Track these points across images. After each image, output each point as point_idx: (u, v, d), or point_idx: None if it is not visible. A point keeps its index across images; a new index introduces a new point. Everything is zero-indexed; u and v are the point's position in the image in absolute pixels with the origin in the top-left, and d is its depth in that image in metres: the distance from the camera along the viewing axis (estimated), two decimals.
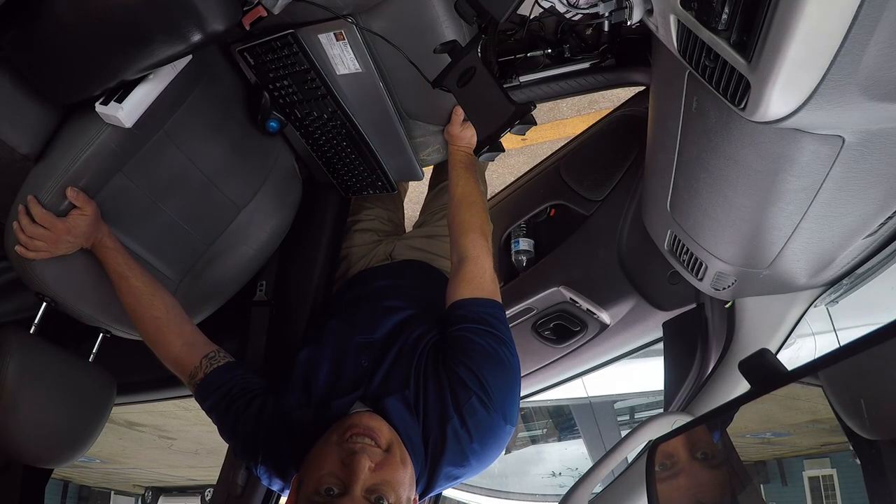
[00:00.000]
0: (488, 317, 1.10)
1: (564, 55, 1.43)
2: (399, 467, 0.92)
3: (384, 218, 1.70)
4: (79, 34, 1.00)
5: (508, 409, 1.04)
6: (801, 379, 0.71)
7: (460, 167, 1.32)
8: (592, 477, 1.25)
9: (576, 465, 4.11)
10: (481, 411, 1.01)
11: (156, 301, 1.18)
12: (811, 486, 0.85)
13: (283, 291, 1.62)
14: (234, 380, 1.12)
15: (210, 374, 1.12)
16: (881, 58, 0.61)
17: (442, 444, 1.00)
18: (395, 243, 1.54)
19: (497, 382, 1.03)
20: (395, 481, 0.90)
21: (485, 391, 1.01)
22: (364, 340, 1.15)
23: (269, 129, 1.38)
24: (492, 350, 1.06)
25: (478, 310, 1.10)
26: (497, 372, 1.04)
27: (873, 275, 1.16)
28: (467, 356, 1.04)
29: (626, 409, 3.99)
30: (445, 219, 1.53)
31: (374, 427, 0.94)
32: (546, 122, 3.06)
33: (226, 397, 1.10)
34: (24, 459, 1.31)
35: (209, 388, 1.12)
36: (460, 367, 1.03)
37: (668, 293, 1.57)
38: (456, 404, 1.00)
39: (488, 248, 1.21)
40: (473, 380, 1.02)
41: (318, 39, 1.20)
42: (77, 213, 1.13)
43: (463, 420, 1.00)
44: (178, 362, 1.16)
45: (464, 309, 1.11)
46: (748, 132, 0.85)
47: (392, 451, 0.93)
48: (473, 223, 1.22)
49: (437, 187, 1.73)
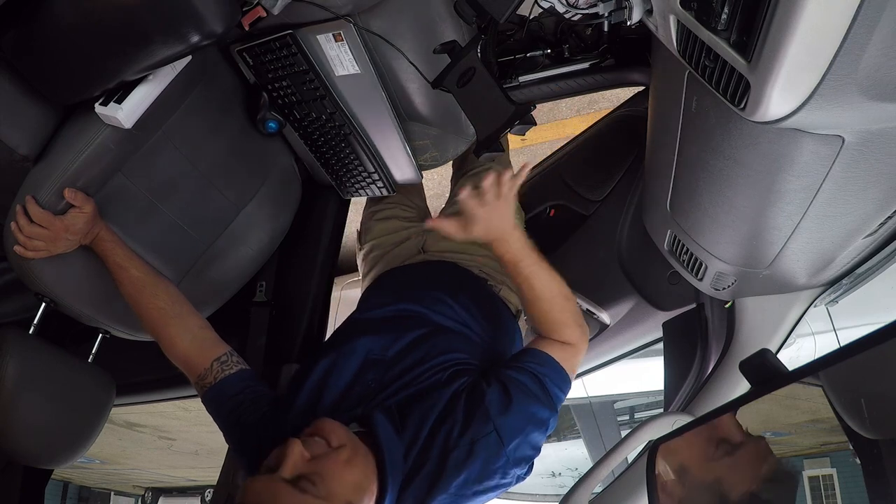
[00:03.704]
0: (555, 388, 1.02)
1: (564, 55, 1.43)
2: (340, 465, 0.88)
3: (405, 203, 1.64)
4: (78, 35, 1.00)
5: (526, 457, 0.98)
6: (801, 379, 0.71)
7: (517, 267, 1.06)
8: (593, 477, 1.25)
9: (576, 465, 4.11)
10: (495, 449, 0.94)
11: (159, 292, 1.15)
12: (811, 486, 0.85)
13: (282, 292, 1.62)
14: (246, 392, 1.07)
15: (221, 381, 1.08)
16: (881, 58, 0.61)
17: (440, 473, 0.93)
18: (426, 236, 1.47)
19: (524, 433, 0.96)
20: (329, 475, 0.86)
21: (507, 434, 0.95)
22: (377, 357, 1.09)
23: (268, 130, 1.38)
24: (537, 402, 0.99)
25: (551, 374, 1.02)
26: (530, 426, 0.97)
27: (873, 275, 1.16)
28: (513, 396, 0.97)
29: (626, 409, 3.98)
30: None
31: (327, 429, 0.91)
32: (546, 122, 3.05)
33: (236, 410, 1.06)
34: (23, 460, 1.31)
35: (220, 398, 1.07)
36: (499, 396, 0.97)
37: (668, 293, 1.57)
38: (470, 435, 0.94)
39: (586, 336, 1.10)
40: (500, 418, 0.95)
41: (316, 40, 1.20)
42: (75, 211, 1.12)
43: (471, 452, 0.93)
44: (187, 361, 1.11)
45: (542, 363, 1.03)
46: (748, 132, 0.85)
47: (340, 451, 0.89)
48: (565, 320, 1.07)
49: (467, 171, 1.65)
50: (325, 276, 1.64)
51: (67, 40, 1.01)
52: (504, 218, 1.03)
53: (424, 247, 1.45)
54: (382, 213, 1.60)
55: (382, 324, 1.18)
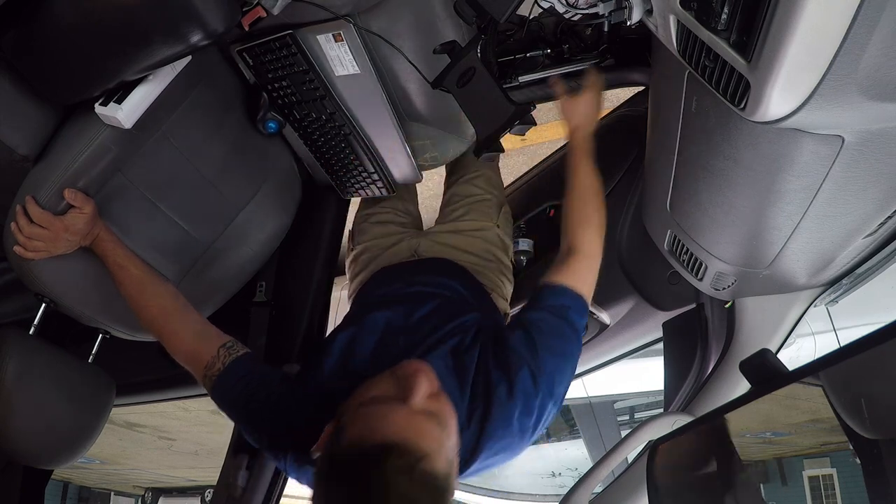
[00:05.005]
0: (575, 317, 1.06)
1: (564, 55, 1.43)
2: (447, 402, 0.88)
3: (400, 210, 1.65)
4: (78, 35, 1.00)
5: (557, 390, 1.01)
6: (801, 379, 0.71)
7: (578, 153, 1.22)
8: (593, 477, 1.25)
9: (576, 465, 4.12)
10: (529, 387, 0.97)
11: (160, 289, 1.15)
12: (811, 486, 0.85)
13: (282, 292, 1.62)
14: (255, 373, 1.06)
15: (231, 364, 1.05)
16: (881, 58, 0.61)
17: (488, 414, 0.96)
18: (420, 239, 1.49)
19: (553, 363, 1.00)
20: (444, 412, 0.86)
21: (539, 369, 0.98)
22: (400, 325, 1.11)
23: (268, 130, 1.38)
24: (561, 336, 1.03)
25: (568, 303, 1.07)
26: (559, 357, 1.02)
27: (873, 275, 1.16)
28: (538, 332, 1.02)
29: (626, 409, 3.99)
30: (469, 214, 1.51)
31: (424, 369, 0.87)
32: (546, 122, 3.05)
33: (247, 388, 1.04)
34: (23, 460, 1.31)
35: (231, 380, 1.04)
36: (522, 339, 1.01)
37: (667, 293, 1.56)
38: (508, 373, 0.97)
39: (600, 249, 1.15)
40: (531, 352, 0.99)
41: (316, 40, 1.20)
42: (75, 211, 1.12)
43: (511, 388, 0.96)
44: (193, 354, 1.09)
45: (557, 295, 1.07)
46: (748, 132, 0.85)
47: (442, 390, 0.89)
48: (594, 219, 1.16)
49: (455, 181, 1.67)
50: (325, 277, 1.64)
51: (67, 40, 1.01)
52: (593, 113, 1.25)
53: (418, 251, 1.45)
54: (378, 217, 1.60)
55: (395, 301, 1.20)
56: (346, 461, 0.79)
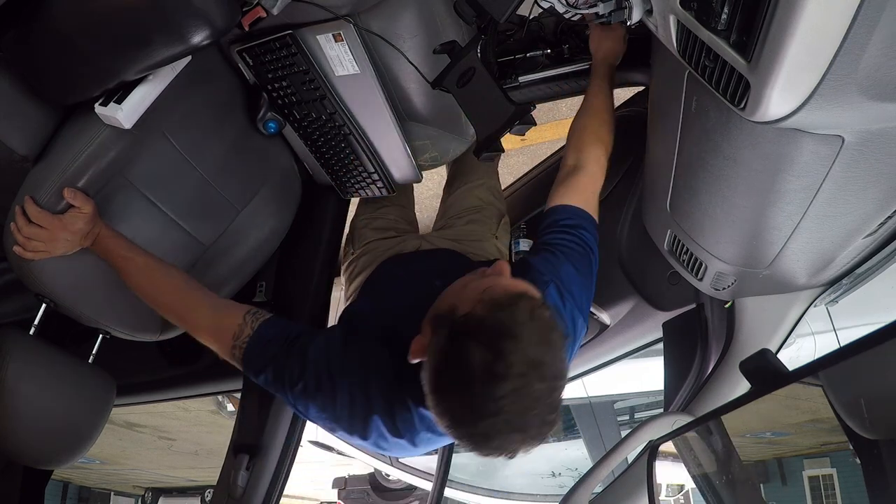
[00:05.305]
0: (587, 234, 1.13)
1: (564, 55, 1.43)
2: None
3: (399, 216, 1.65)
4: (78, 35, 1.00)
5: (582, 304, 1.06)
6: (801, 379, 0.71)
7: (599, 79, 1.29)
8: (593, 477, 1.25)
9: (576, 465, 4.11)
10: (557, 301, 1.02)
11: (170, 270, 1.14)
12: (811, 486, 0.85)
13: (282, 292, 1.62)
14: (291, 326, 1.05)
15: (260, 327, 1.03)
16: (881, 58, 0.61)
17: None
18: (421, 241, 1.48)
19: (575, 277, 1.06)
20: None
21: (564, 284, 1.04)
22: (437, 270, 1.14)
23: (268, 130, 1.38)
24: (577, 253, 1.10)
25: (579, 221, 1.13)
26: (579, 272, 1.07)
27: (873, 275, 1.16)
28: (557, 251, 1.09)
29: (626, 409, 3.98)
30: (469, 224, 1.52)
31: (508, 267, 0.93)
32: (545, 122, 3.05)
33: (286, 341, 1.02)
34: (23, 461, 1.31)
35: (264, 339, 1.02)
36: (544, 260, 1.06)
37: (667, 293, 1.56)
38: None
39: (605, 170, 1.22)
40: (553, 271, 1.04)
41: (316, 40, 1.20)
42: (75, 211, 1.12)
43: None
44: (217, 327, 1.06)
45: (568, 215, 1.14)
46: (748, 132, 0.85)
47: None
48: (602, 138, 1.22)
49: (456, 189, 1.66)
50: (324, 277, 1.64)
51: (67, 40, 1.01)
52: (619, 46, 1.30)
53: (421, 248, 1.44)
54: (377, 224, 1.59)
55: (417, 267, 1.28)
56: (476, 319, 0.81)
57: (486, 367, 0.77)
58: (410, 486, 4.35)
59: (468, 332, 0.80)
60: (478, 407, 0.78)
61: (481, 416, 0.78)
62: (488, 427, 0.79)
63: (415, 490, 4.64)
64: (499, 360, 0.77)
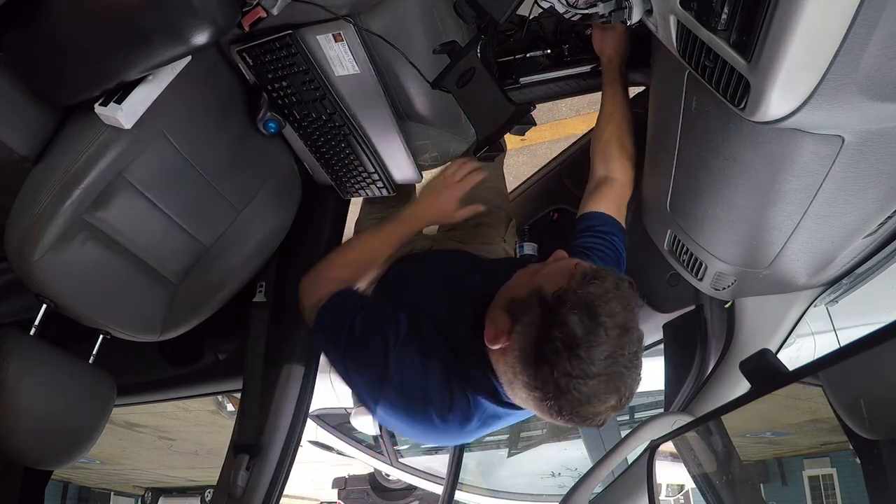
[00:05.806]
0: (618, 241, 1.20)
1: (564, 56, 1.43)
2: None
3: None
4: (78, 35, 1.00)
5: None
6: (801, 379, 0.71)
7: (612, 82, 1.31)
8: (592, 477, 1.25)
9: (575, 465, 4.11)
10: None
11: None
12: (811, 486, 0.85)
13: (282, 292, 1.62)
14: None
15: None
16: (881, 58, 0.61)
17: None
18: (431, 241, 1.50)
19: None
20: None
21: None
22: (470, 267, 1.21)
23: (268, 130, 1.38)
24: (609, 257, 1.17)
25: (611, 229, 1.21)
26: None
27: (873, 275, 1.16)
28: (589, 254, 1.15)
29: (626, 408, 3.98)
30: (477, 227, 1.52)
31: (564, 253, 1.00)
32: (545, 122, 3.06)
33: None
34: (24, 461, 1.31)
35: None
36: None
37: (668, 295, 1.56)
38: None
39: (633, 180, 1.28)
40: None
41: (316, 40, 1.20)
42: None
43: None
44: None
45: (601, 222, 1.21)
46: (748, 132, 0.85)
47: None
48: (627, 149, 1.27)
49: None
50: None
51: (67, 40, 1.01)
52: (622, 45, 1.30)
53: (432, 247, 1.44)
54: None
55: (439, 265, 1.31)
56: (572, 292, 0.86)
57: (588, 332, 0.83)
58: (410, 486, 4.35)
59: (565, 304, 0.86)
60: (583, 370, 0.83)
61: (585, 378, 0.83)
62: (592, 389, 0.84)
63: (415, 490, 4.64)
64: (598, 326, 0.83)
